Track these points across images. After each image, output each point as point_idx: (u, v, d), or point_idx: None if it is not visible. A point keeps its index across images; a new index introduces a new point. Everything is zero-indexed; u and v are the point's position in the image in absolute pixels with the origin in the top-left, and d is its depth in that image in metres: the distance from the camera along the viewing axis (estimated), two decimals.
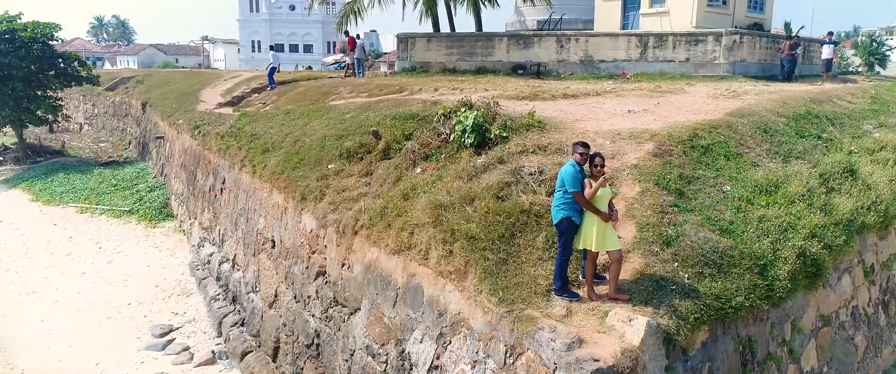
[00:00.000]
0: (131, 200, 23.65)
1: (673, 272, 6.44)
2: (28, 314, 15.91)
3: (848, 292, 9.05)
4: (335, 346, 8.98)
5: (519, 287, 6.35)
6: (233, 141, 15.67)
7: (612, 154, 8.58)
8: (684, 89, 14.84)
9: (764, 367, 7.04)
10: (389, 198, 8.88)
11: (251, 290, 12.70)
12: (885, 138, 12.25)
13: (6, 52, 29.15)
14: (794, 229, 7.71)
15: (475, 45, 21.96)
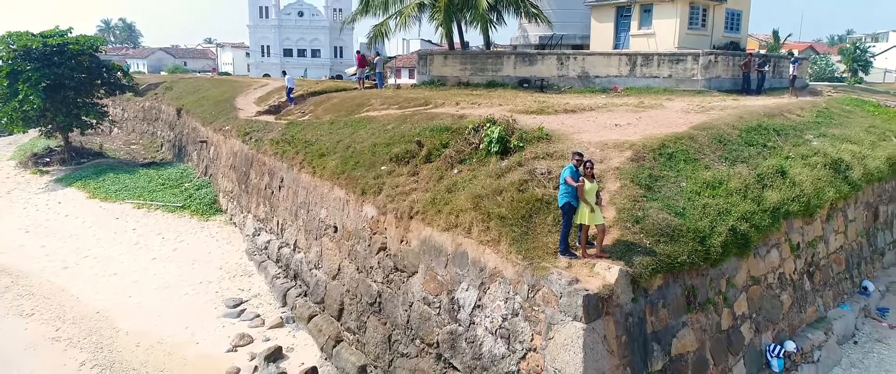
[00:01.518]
0: (182, 196, 26.77)
1: (639, 240, 9.59)
2: (115, 291, 19.04)
3: (776, 262, 12.21)
4: (396, 301, 12.12)
5: (536, 249, 9.50)
6: (288, 147, 18.81)
7: (601, 159, 11.73)
8: (663, 104, 18.01)
9: (704, 308, 10.20)
10: (436, 191, 12.03)
11: (314, 267, 15.84)
12: (819, 146, 15.45)
13: (59, 63, 32.26)
14: (729, 214, 10.87)
15: (486, 61, 25.17)
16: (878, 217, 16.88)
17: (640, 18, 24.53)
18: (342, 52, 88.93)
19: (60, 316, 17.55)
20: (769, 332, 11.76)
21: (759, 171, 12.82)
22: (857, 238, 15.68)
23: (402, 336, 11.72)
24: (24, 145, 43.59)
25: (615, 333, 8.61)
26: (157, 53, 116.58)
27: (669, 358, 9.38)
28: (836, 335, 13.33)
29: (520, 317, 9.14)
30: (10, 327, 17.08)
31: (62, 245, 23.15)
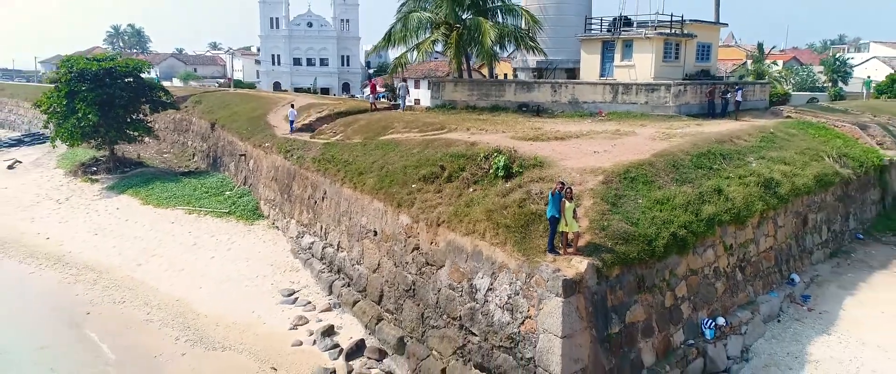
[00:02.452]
0: (227, 203, 30.86)
1: (604, 242, 13.69)
2: (186, 284, 23.14)
3: (711, 258, 16.32)
4: (427, 288, 16.21)
5: (531, 249, 13.59)
6: (329, 165, 22.93)
7: (580, 182, 15.84)
8: (635, 132, 22.12)
9: (651, 290, 14.30)
10: (457, 205, 16.15)
11: (356, 263, 19.94)
12: (756, 168, 19.57)
13: (110, 84, 36.39)
14: (672, 223, 14.98)
15: (490, 88, 29.30)
16: (808, 223, 21.00)
17: (623, 52, 28.63)
18: (349, 61, 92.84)
19: (147, 303, 21.68)
20: (705, 310, 15.86)
21: (701, 189, 16.95)
22: (787, 240, 19.80)
23: (433, 313, 15.82)
24: (65, 155, 47.51)
25: (585, 305, 12.71)
26: (169, 60, 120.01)
27: (624, 324, 13.49)
28: (761, 315, 17.43)
29: (520, 295, 13.25)
30: (109, 312, 21.22)
31: (130, 246, 27.26)
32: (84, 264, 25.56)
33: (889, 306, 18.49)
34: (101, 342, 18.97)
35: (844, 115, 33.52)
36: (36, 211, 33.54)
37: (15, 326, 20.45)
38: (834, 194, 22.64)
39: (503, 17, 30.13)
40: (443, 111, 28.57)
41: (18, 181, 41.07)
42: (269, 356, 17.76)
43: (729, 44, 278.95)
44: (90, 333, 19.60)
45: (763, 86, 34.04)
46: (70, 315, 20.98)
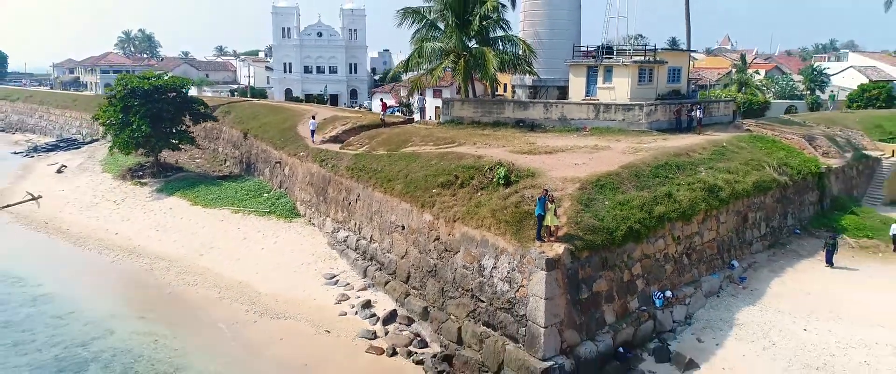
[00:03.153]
0: (267, 204, 35.98)
1: (577, 233, 18.83)
2: (245, 270, 28.25)
3: (662, 246, 21.47)
4: (446, 268, 21.35)
5: (524, 238, 18.74)
6: (361, 173, 28.08)
7: (561, 189, 20.96)
8: (610, 146, 27.26)
9: (612, 269, 19.44)
10: (469, 206, 21.29)
11: (387, 251, 25.08)
12: (704, 176, 24.71)
13: (158, 99, 41.53)
14: (629, 219, 20.12)
15: (492, 107, 34.46)
16: (748, 220, 26.17)
17: (604, 76, 33.73)
18: (357, 69, 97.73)
19: (216, 285, 26.82)
20: (656, 285, 21.00)
21: (655, 194, 22.10)
22: (728, 234, 24.95)
23: (450, 287, 20.96)
24: (106, 160, 52.55)
25: (562, 277, 17.85)
26: (182, 66, 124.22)
27: (591, 292, 18.63)
28: (703, 291, 22.59)
29: (516, 271, 18.40)
30: (187, 291, 26.37)
31: (190, 240, 32.40)
32: (154, 255, 30.72)
33: (805, 285, 23.68)
34: (191, 312, 24.15)
35: (800, 127, 38.72)
36: (97, 211, 38.68)
37: (116, 300, 25.63)
38: (773, 197, 27.80)
39: (504, 45, 35.23)
40: (452, 126, 33.71)
41: (72, 184, 46.18)
42: (321, 323, 22.91)
43: (725, 46, 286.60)
44: (177, 308, 24.77)
45: (726, 103, 39.21)
46: (157, 293, 26.17)
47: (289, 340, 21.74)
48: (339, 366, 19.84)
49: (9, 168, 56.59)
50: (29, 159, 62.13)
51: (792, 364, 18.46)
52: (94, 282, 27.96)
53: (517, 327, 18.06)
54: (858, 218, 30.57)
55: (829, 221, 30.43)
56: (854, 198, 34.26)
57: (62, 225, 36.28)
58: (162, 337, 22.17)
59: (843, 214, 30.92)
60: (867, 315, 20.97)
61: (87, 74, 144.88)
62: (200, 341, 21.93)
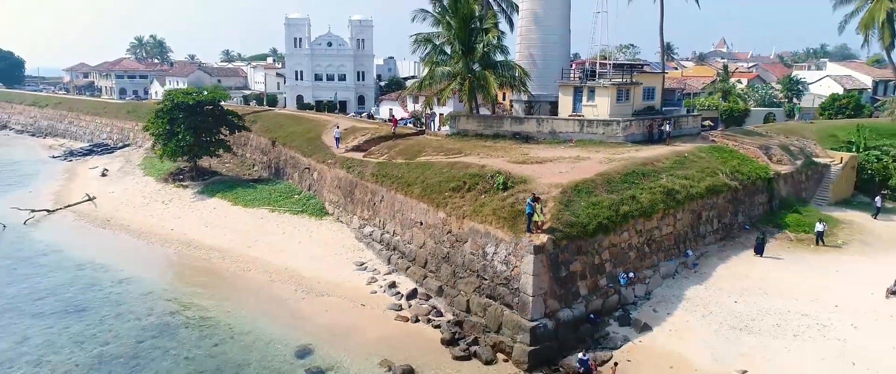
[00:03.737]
0: (299, 204, 41.79)
1: (558, 227, 24.69)
2: (288, 259, 34.03)
3: (627, 238, 27.33)
4: (456, 255, 27.22)
5: (518, 230, 24.60)
6: (385, 178, 33.93)
7: (547, 192, 26.82)
8: (590, 157, 33.09)
9: (586, 254, 25.31)
10: (475, 206, 27.17)
11: (407, 243, 30.95)
12: (664, 182, 30.55)
13: (199, 112, 47.37)
14: (599, 216, 25.99)
15: (492, 121, 40.33)
16: (701, 218, 32.01)
17: (588, 95, 39.54)
18: (364, 76, 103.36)
19: (266, 270, 32.66)
20: (621, 267, 26.85)
21: (622, 196, 27.95)
22: (684, 228, 30.79)
23: (460, 269, 26.81)
24: (144, 164, 58.37)
25: (546, 260, 23.71)
26: (196, 73, 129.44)
27: (569, 271, 24.50)
28: (661, 273, 28.43)
29: (511, 255, 24.27)
30: (243, 276, 32.21)
31: (236, 235, 38.22)
32: (209, 247, 36.57)
33: (743, 270, 29.51)
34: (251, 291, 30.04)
35: (760, 138, 44.52)
36: (150, 210, 44.53)
37: (186, 282, 31.49)
38: (725, 198, 33.64)
39: (503, 68, 41.00)
40: (459, 138, 39.52)
41: (120, 187, 52.03)
42: (357, 299, 28.76)
43: (721, 49, 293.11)
44: (238, 288, 30.65)
45: (694, 117, 45.04)
46: (219, 278, 32.04)
47: (333, 311, 27.61)
48: (375, 329, 25.70)
49: (54, 171, 62.50)
50: (68, 163, 67.96)
51: (721, 326, 24.32)
52: (164, 268, 33.87)
53: (512, 297, 23.92)
54: (800, 216, 36.40)
55: (775, 218, 36.26)
56: (803, 199, 40.08)
57: (123, 222, 42.12)
58: (231, 309, 28.02)
59: (788, 212, 36.76)
60: (785, 292, 26.82)
61: (101, 78, 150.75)
62: (262, 312, 27.77)
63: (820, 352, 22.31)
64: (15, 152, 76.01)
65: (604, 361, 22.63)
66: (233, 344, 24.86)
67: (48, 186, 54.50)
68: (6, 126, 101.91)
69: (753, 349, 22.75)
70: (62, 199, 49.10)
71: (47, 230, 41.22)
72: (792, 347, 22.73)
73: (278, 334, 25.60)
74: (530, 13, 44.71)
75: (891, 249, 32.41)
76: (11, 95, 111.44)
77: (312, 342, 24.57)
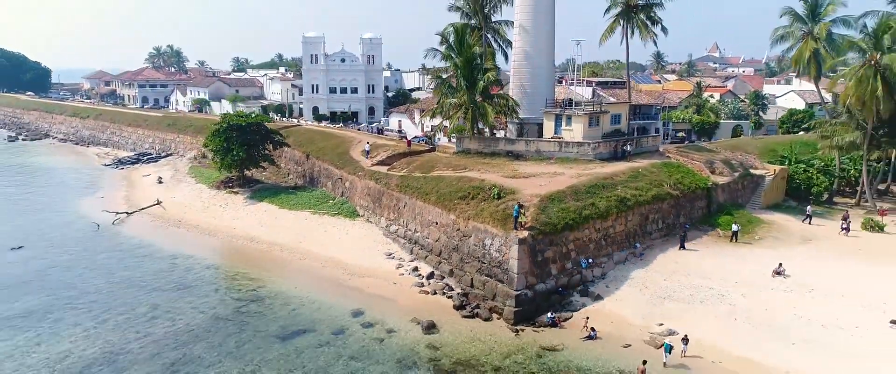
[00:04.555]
0: (334, 208, 51.87)
1: (535, 226, 34.86)
2: (332, 251, 44.11)
3: (588, 234, 37.48)
4: (462, 246, 37.39)
5: (507, 228, 34.74)
6: (407, 188, 44.09)
7: (529, 200, 36.97)
8: (565, 172, 43.20)
9: (556, 245, 35.48)
10: (478, 210, 37.36)
11: (426, 238, 41.13)
12: (619, 192, 40.69)
13: (249, 131, 57.50)
14: (567, 219, 36.16)
15: (490, 141, 50.49)
16: (648, 219, 42.13)
17: (566, 121, 49.63)
18: (374, 89, 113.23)
19: (317, 259, 42.77)
20: (583, 255, 36.99)
21: (584, 203, 38.11)
22: (634, 227, 40.92)
23: (466, 257, 36.98)
24: (193, 173, 68.35)
25: (527, 249, 33.87)
26: (216, 84, 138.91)
27: (544, 257, 34.67)
28: (614, 260, 38.57)
29: (503, 246, 34.44)
30: (299, 264, 42.36)
31: (287, 232, 48.29)
32: (268, 242, 46.69)
33: (676, 258, 39.60)
34: (308, 274, 40.21)
35: (708, 153, 54.64)
36: (211, 213, 54.64)
37: (259, 268, 41.62)
38: (668, 204, 43.76)
39: (499, 99, 51.06)
40: (463, 156, 49.58)
41: (178, 193, 62.08)
42: (389, 278, 38.90)
43: (713, 54, 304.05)
44: (298, 272, 40.80)
45: (653, 137, 55.20)
46: (282, 265, 42.19)
47: (373, 287, 37.75)
48: (405, 299, 35.86)
49: (113, 178, 72.63)
50: (121, 171, 78.03)
51: (652, 296, 34.45)
52: (238, 258, 44.03)
53: (503, 275, 34.08)
54: (732, 218, 46.37)
55: (711, 219, 46.37)
56: (739, 204, 50.15)
57: (192, 223, 52.26)
58: (297, 287, 38.12)
59: (722, 215, 46.85)
60: (702, 273, 36.90)
61: (124, 87, 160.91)
62: (321, 288, 37.86)
63: (715, 312, 32.46)
64: (72, 160, 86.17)
65: (566, 318, 32.87)
66: (304, 309, 34.96)
67: (116, 192, 64.60)
68: (48, 135, 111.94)
69: (671, 310, 32.91)
70: (133, 203, 59.19)
71: (133, 229, 51.34)
72: (697, 309, 32.89)
73: (336, 302, 35.70)
74: (521, 51, 54.93)
75: (793, 243, 42.60)
76: (51, 105, 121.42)
77: (362, 307, 34.67)
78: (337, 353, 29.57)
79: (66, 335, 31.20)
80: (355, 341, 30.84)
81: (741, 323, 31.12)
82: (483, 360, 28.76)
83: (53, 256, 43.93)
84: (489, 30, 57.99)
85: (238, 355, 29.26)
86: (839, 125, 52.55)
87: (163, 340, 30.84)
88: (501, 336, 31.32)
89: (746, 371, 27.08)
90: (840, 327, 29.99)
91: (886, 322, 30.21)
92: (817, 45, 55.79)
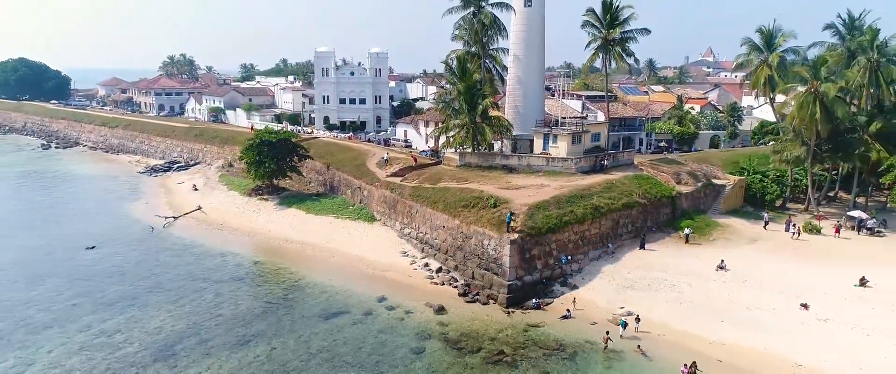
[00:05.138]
0: (354, 213, 60.43)
1: (524, 229, 43.46)
2: (357, 251, 52.75)
3: (567, 236, 46.09)
4: (466, 246, 45.99)
5: (501, 231, 43.32)
6: (419, 197, 52.70)
7: (519, 209, 45.53)
8: (550, 184, 51.74)
9: (541, 245, 44.09)
10: (478, 216, 45.98)
11: (435, 239, 49.74)
12: (595, 201, 49.26)
13: (278, 146, 66.08)
14: (549, 223, 44.76)
15: (488, 156, 59.08)
16: (619, 223, 50.71)
17: (553, 139, 58.19)
18: (380, 100, 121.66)
19: (344, 256, 51.34)
20: (563, 253, 45.59)
21: (564, 211, 46.70)
22: (607, 230, 49.49)
23: (468, 254, 45.58)
24: (223, 181, 76.84)
25: (518, 248, 42.47)
26: (231, 93, 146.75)
27: (531, 255, 43.30)
28: (589, 257, 47.16)
29: (498, 245, 43.04)
30: (331, 259, 50.97)
31: (315, 234, 56.81)
32: (300, 242, 55.26)
33: (640, 255, 48.17)
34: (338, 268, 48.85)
35: (676, 165, 63.23)
36: (248, 217, 63.17)
37: (296, 264, 50.19)
38: (637, 211, 52.33)
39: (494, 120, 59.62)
40: (465, 169, 58.05)
41: (214, 199, 70.59)
42: (404, 272, 47.50)
43: (707, 58, 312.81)
44: (331, 267, 49.42)
45: (629, 152, 63.78)
46: (315, 261, 50.78)
47: (392, 279, 46.33)
48: (420, 288, 44.46)
49: (150, 185, 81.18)
50: (155, 178, 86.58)
51: (619, 286, 43.03)
52: (277, 255, 52.62)
53: (498, 269, 42.68)
54: (692, 222, 54.95)
55: (675, 223, 54.92)
56: (701, 210, 58.69)
57: (232, 226, 60.81)
58: (330, 279, 46.66)
59: (684, 219, 55.41)
60: (661, 268, 45.42)
61: (141, 95, 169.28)
62: (349, 280, 46.39)
63: (666, 298, 41.01)
64: (108, 168, 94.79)
65: (548, 303, 41.46)
66: (338, 296, 43.47)
67: (158, 198, 73.16)
68: (78, 143, 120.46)
69: (630, 297, 41.47)
70: (176, 208, 67.72)
71: (182, 231, 59.89)
72: (652, 296, 41.45)
73: (363, 291, 44.23)
74: (515, 77, 63.61)
75: (741, 244, 51.19)
76: (80, 115, 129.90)
77: (384, 294, 43.19)
78: (367, 329, 38.12)
79: (155, 315, 39.74)
80: (381, 320, 39.40)
81: (685, 306, 39.67)
82: (481, 333, 37.32)
83: (123, 254, 52.49)
84: (487, 56, 66.59)
85: (292, 330, 37.82)
86: (788, 142, 61.14)
87: (231, 319, 39.38)
88: (496, 316, 39.90)
89: (683, 340, 35.65)
90: (760, 309, 38.57)
91: (797, 305, 38.79)
92: (771, 72, 64.41)
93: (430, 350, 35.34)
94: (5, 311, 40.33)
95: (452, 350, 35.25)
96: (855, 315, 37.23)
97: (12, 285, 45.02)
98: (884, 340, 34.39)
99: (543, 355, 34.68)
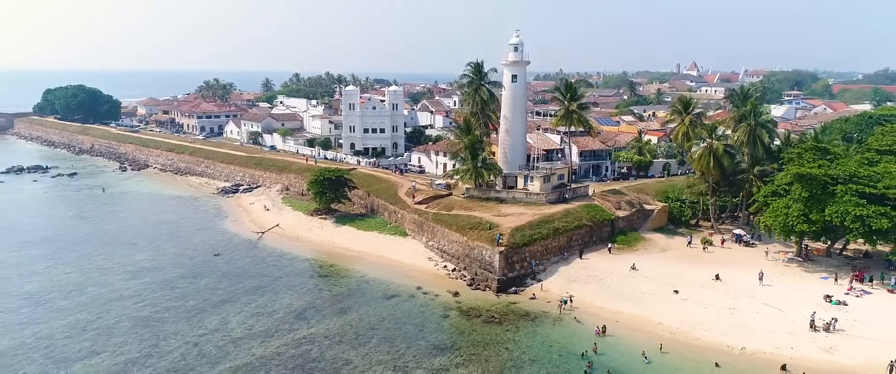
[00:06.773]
0: (392, 231, 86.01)
1: (508, 244, 69.23)
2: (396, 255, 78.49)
3: (538, 249, 71.91)
4: (471, 254, 71.81)
5: (494, 245, 69.12)
6: (439, 221, 78.46)
7: (505, 231, 71.27)
8: (526, 213, 77.29)
9: (519, 253, 69.85)
10: (479, 236, 71.82)
11: (450, 249, 75.56)
12: (555, 225, 74.99)
13: (336, 181, 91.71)
14: (525, 240, 70.56)
15: (486, 190, 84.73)
16: (572, 239, 76.38)
17: (531, 179, 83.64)
18: (397, 129, 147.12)
19: (389, 260, 77.11)
20: (534, 259, 71.32)
21: (534, 231, 72.45)
22: (563, 244, 75.20)
23: (475, 258, 71.38)
24: (286, 202, 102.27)
25: (504, 256, 68.26)
26: (267, 119, 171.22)
27: (512, 260, 69.13)
28: (551, 262, 72.95)
29: (491, 254, 68.83)
30: (376, 261, 76.89)
31: (367, 245, 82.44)
32: (359, 251, 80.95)
33: (584, 261, 73.97)
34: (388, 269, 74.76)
35: (620, 196, 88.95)
36: (316, 233, 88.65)
37: (362, 268, 75.98)
38: (584, 230, 77.98)
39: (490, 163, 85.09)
40: (470, 200, 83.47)
41: (284, 218, 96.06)
42: (431, 272, 73.30)
43: (691, 72, 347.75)
44: (385, 268, 75.26)
45: (585, 186, 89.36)
46: (374, 265, 76.60)
47: (424, 276, 72.05)
48: (442, 281, 70.21)
49: (227, 206, 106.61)
50: (227, 198, 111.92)
51: (566, 280, 68.82)
52: (342, 260, 78.30)
53: (491, 268, 68.54)
54: (625, 237, 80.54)
55: (613, 238, 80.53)
56: (634, 228, 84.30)
57: (306, 239, 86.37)
58: (382, 275, 72.28)
59: (619, 235, 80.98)
60: (596, 268, 71.02)
61: (183, 117, 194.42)
62: (395, 276, 72.00)
63: (594, 287, 66.78)
64: (185, 189, 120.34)
65: (523, 290, 67.28)
66: (391, 286, 68.99)
67: (241, 216, 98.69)
68: (147, 165, 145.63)
69: (574, 287, 67.22)
70: (259, 225, 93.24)
71: (271, 243, 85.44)
72: (585, 285, 67.20)
73: (406, 282, 69.86)
74: (505, 131, 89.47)
75: (654, 252, 76.99)
76: (146, 140, 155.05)
77: (421, 285, 68.81)
78: (413, 303, 63.77)
79: (283, 297, 65.30)
80: (420, 299, 65.04)
81: (604, 292, 65.43)
82: (481, 307, 62.95)
83: (241, 259, 78.08)
84: (484, 116, 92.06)
85: (368, 305, 63.39)
86: (696, 180, 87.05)
87: (330, 299, 65.01)
88: (490, 298, 65.59)
89: (599, 312, 61.25)
90: (649, 293, 64.30)
91: (671, 291, 64.50)
92: (686, 128, 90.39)
93: (451, 316, 61.09)
94: (196, 293, 66.03)
95: (464, 316, 61.03)
96: (704, 297, 63.08)
97: (187, 280, 70.64)
98: (716, 312, 60.22)
99: (519, 318, 60.45)
